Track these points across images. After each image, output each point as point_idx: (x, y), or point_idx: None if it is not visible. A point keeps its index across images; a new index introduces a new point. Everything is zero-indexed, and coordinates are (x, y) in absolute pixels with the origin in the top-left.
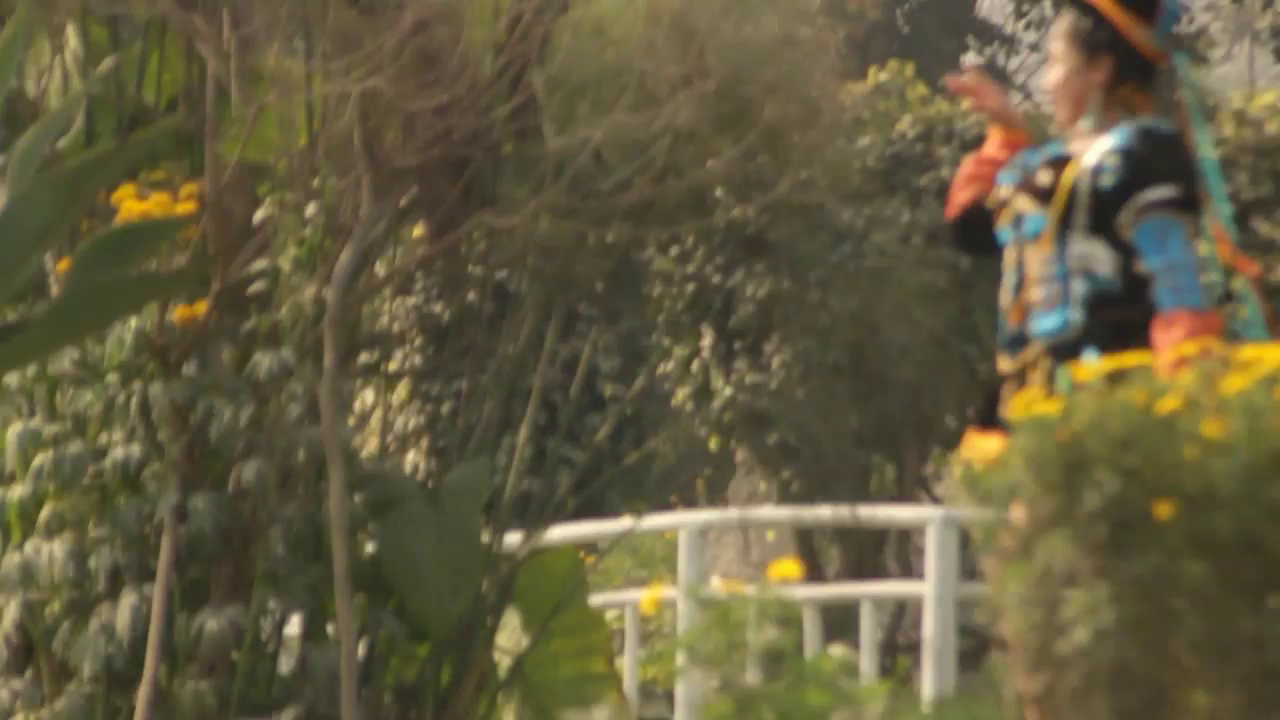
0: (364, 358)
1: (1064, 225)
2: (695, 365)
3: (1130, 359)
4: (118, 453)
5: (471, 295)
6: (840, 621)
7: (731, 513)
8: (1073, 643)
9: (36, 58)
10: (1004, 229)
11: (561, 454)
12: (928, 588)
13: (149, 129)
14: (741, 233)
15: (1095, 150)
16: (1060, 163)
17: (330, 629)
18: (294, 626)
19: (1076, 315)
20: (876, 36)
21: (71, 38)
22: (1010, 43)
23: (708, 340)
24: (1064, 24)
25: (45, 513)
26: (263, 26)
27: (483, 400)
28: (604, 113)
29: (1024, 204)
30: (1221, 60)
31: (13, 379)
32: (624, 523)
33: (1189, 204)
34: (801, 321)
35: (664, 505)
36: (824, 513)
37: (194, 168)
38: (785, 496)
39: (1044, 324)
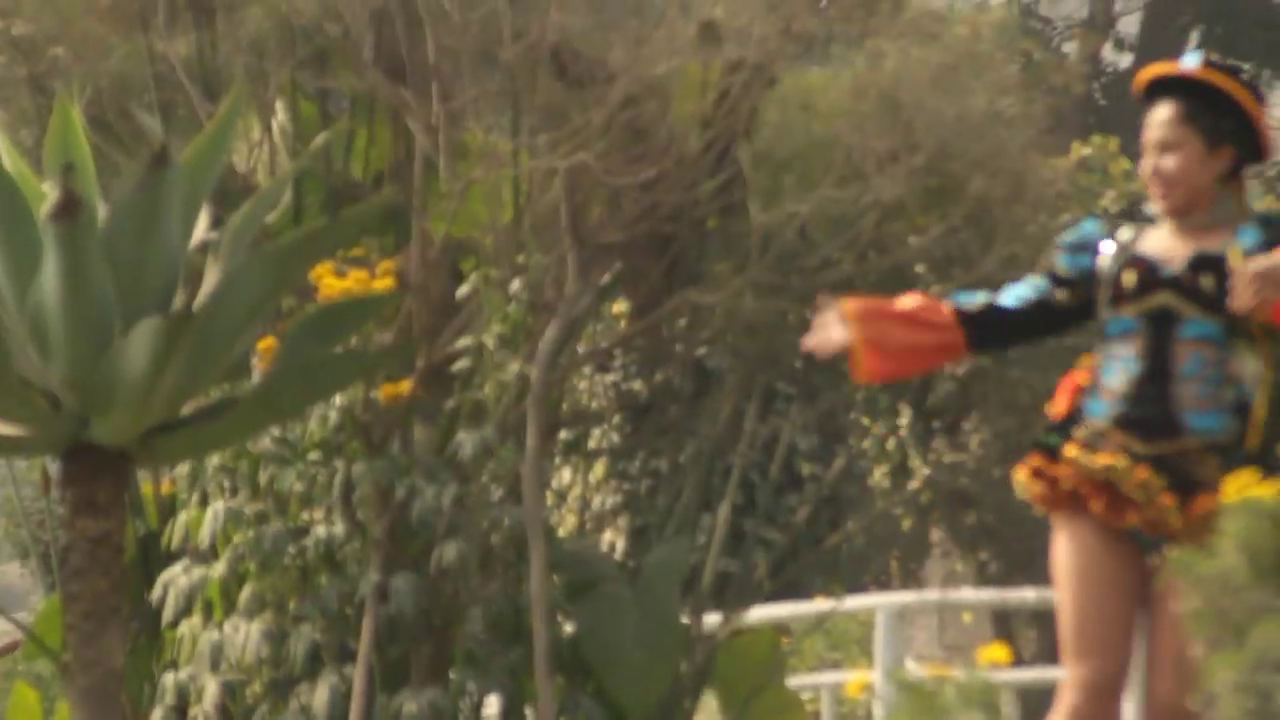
0: (563, 435)
1: (1230, 333)
2: (892, 444)
3: None
4: (319, 532)
5: (671, 373)
6: (1038, 706)
7: (931, 594)
8: None
9: (245, 132)
10: (1128, 318)
11: (759, 534)
12: None
13: (359, 205)
14: None
15: (1234, 254)
16: (1213, 265)
17: (528, 711)
18: (492, 707)
19: (1233, 421)
20: (1074, 110)
21: (280, 112)
22: None
23: (905, 419)
24: (1177, 109)
25: (245, 592)
26: (470, 101)
27: (681, 479)
28: (810, 188)
29: (1179, 305)
30: None
31: (214, 457)
32: (821, 604)
33: None
34: (1001, 399)
35: (857, 586)
36: (1027, 594)
37: (397, 243)
38: (982, 578)
39: (1201, 421)
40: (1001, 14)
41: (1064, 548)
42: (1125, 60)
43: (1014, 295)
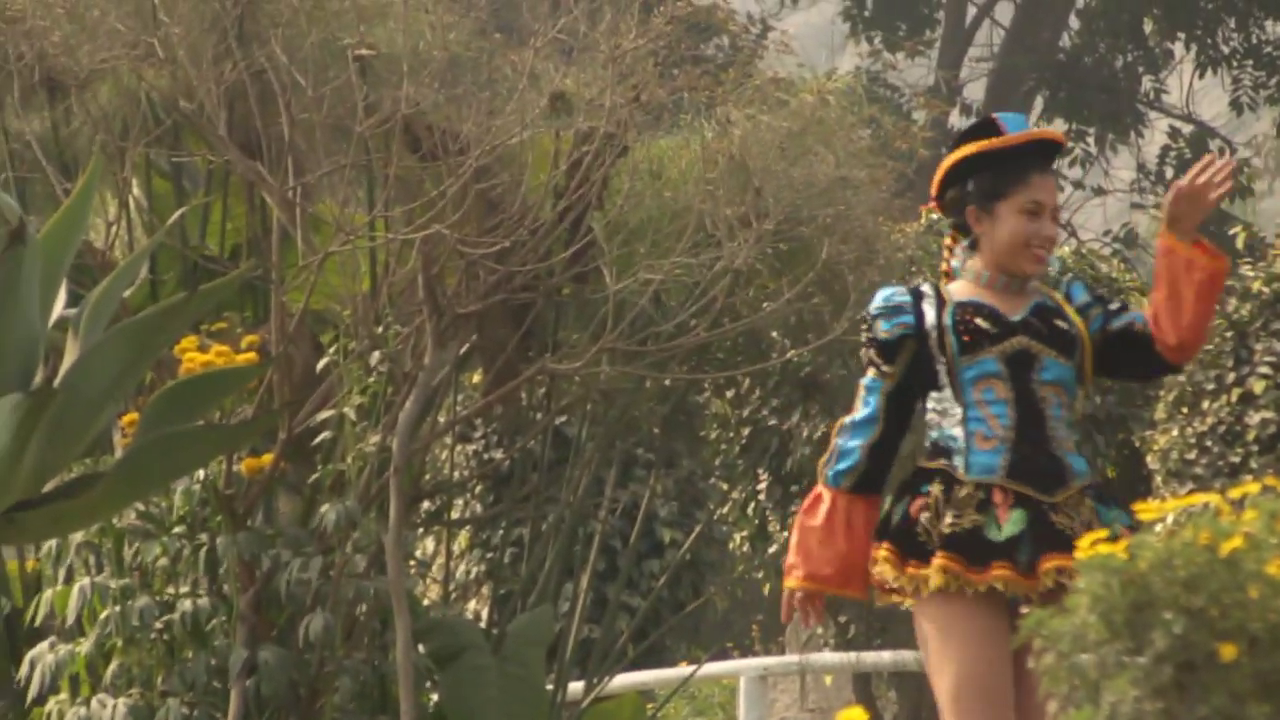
0: (426, 506)
1: (1075, 378)
2: (752, 509)
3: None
4: (185, 605)
5: (531, 441)
6: None
7: (792, 658)
8: None
9: (102, 209)
10: (990, 359)
11: (621, 601)
12: None
13: (218, 279)
14: (796, 375)
15: (1068, 307)
16: (1057, 313)
17: None
18: None
19: (1086, 462)
20: (923, 175)
21: (135, 189)
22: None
23: (764, 483)
24: (1052, 177)
25: (112, 667)
26: (325, 174)
27: (543, 547)
28: (663, 255)
29: (1037, 348)
30: (1264, 195)
31: (79, 533)
32: (684, 670)
33: None
34: None
35: (720, 651)
36: (886, 656)
37: (256, 317)
38: (843, 640)
39: (1079, 465)
40: (848, 82)
41: (950, 616)
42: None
43: (867, 425)
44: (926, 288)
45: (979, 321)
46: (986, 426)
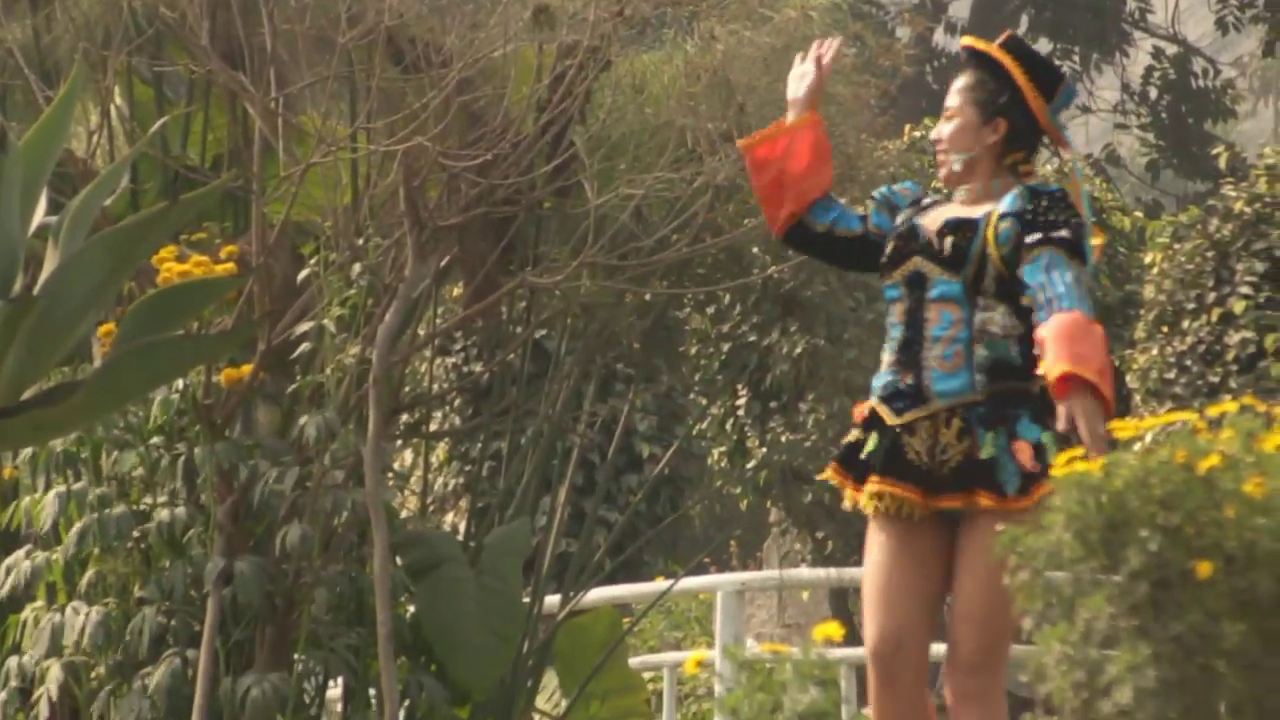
0: (404, 418)
1: (974, 290)
2: (730, 424)
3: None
4: (162, 515)
5: (511, 355)
6: None
7: (770, 573)
8: (1114, 703)
9: (83, 117)
10: (894, 284)
11: (599, 515)
12: None
13: (198, 189)
14: (777, 291)
15: (992, 217)
16: (962, 228)
17: (372, 692)
18: (335, 689)
19: (980, 379)
20: (907, 93)
21: (117, 97)
22: None
23: (743, 399)
24: (964, 80)
25: (87, 576)
26: (307, 86)
27: (522, 461)
28: (645, 170)
29: (927, 267)
30: (1247, 116)
31: (56, 442)
32: (661, 584)
33: (1076, 249)
34: (836, 379)
35: (698, 566)
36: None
37: (237, 227)
38: (820, 556)
39: (946, 384)
40: None
41: (871, 530)
42: (956, 44)
43: (848, 223)
44: (925, 203)
45: (896, 243)
46: (886, 350)
